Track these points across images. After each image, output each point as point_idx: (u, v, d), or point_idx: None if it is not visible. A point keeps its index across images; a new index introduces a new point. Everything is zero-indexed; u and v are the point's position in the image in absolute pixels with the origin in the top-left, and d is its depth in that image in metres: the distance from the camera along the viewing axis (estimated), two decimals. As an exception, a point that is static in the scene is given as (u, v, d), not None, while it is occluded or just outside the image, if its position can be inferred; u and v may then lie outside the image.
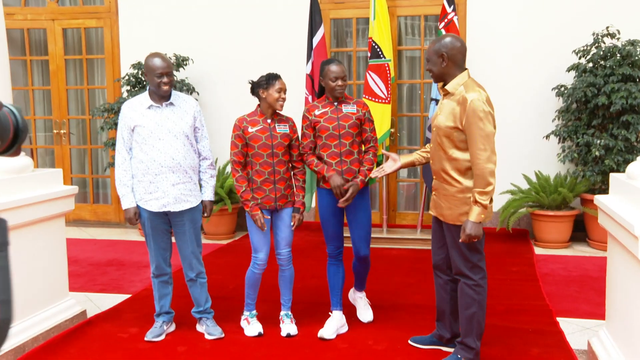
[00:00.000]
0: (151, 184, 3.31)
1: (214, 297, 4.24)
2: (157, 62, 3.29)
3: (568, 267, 5.03)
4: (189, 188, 3.42)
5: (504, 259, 5.27)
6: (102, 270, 5.16)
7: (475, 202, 2.78)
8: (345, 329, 3.66)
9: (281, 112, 3.57)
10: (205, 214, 3.57)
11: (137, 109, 3.34)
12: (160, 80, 3.28)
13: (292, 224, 3.57)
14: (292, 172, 3.61)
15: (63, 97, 7.18)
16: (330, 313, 3.67)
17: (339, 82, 3.46)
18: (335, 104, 3.54)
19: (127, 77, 6.37)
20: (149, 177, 3.31)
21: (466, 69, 2.95)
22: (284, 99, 3.45)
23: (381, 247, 5.72)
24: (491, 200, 2.85)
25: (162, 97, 3.35)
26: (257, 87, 3.49)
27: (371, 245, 3.72)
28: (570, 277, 4.75)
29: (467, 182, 2.88)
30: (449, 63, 2.88)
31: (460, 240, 2.85)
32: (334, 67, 3.46)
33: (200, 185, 3.56)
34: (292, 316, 3.69)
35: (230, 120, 7.11)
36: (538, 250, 5.60)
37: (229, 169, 6.56)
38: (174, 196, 3.35)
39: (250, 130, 3.46)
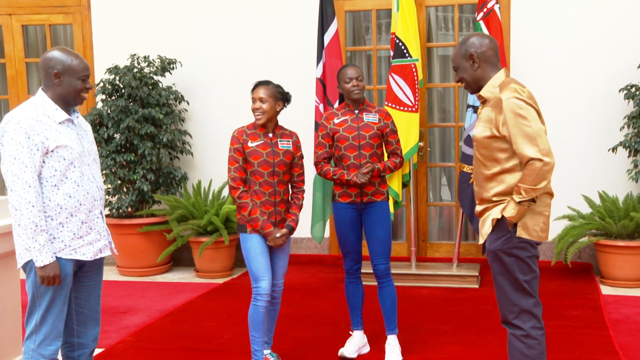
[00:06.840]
0: (83, 224, 3.02)
1: (205, 350, 4.15)
2: (79, 61, 2.98)
3: (647, 312, 4.89)
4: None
5: (562, 300, 5.15)
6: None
7: (518, 194, 2.80)
8: (367, 349, 4.10)
9: (284, 126, 3.78)
10: None
11: (47, 124, 2.93)
12: (84, 85, 3.00)
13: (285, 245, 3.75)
14: (291, 193, 3.79)
15: (25, 108, 7.20)
16: (350, 333, 4.12)
17: (354, 82, 3.87)
18: (356, 112, 3.95)
19: (102, 84, 6.37)
20: (81, 215, 3.00)
21: (502, 67, 3.00)
22: (256, 109, 3.61)
23: (409, 286, 5.62)
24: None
25: (70, 109, 3.05)
26: None
27: (398, 283, 3.94)
28: (651, 324, 4.62)
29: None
30: (481, 64, 2.95)
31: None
32: (347, 69, 3.92)
33: None
34: (277, 356, 3.88)
35: (227, 135, 7.09)
36: (605, 290, 5.47)
37: (225, 192, 6.50)
38: (108, 237, 3.15)
39: (250, 144, 3.61)
